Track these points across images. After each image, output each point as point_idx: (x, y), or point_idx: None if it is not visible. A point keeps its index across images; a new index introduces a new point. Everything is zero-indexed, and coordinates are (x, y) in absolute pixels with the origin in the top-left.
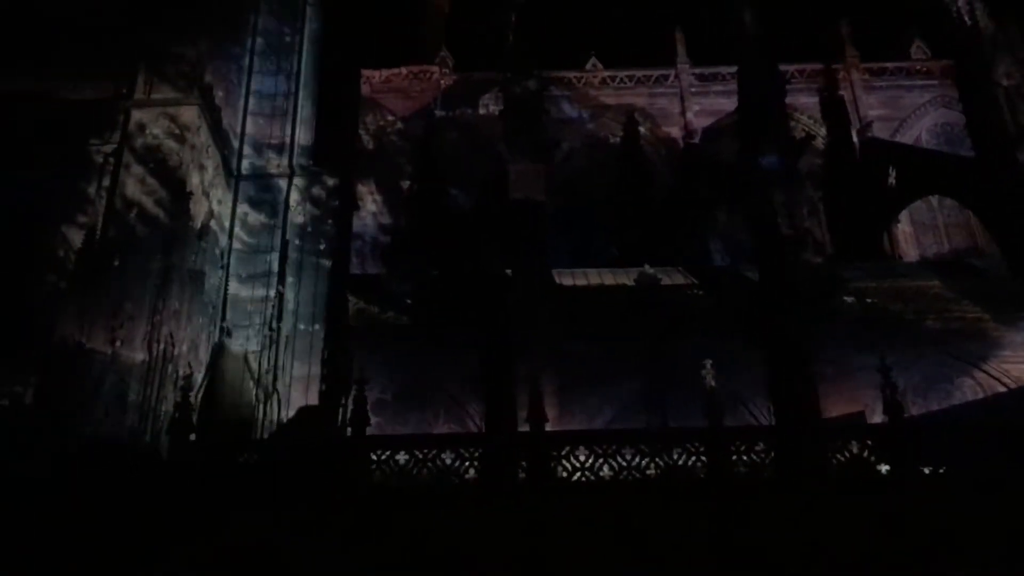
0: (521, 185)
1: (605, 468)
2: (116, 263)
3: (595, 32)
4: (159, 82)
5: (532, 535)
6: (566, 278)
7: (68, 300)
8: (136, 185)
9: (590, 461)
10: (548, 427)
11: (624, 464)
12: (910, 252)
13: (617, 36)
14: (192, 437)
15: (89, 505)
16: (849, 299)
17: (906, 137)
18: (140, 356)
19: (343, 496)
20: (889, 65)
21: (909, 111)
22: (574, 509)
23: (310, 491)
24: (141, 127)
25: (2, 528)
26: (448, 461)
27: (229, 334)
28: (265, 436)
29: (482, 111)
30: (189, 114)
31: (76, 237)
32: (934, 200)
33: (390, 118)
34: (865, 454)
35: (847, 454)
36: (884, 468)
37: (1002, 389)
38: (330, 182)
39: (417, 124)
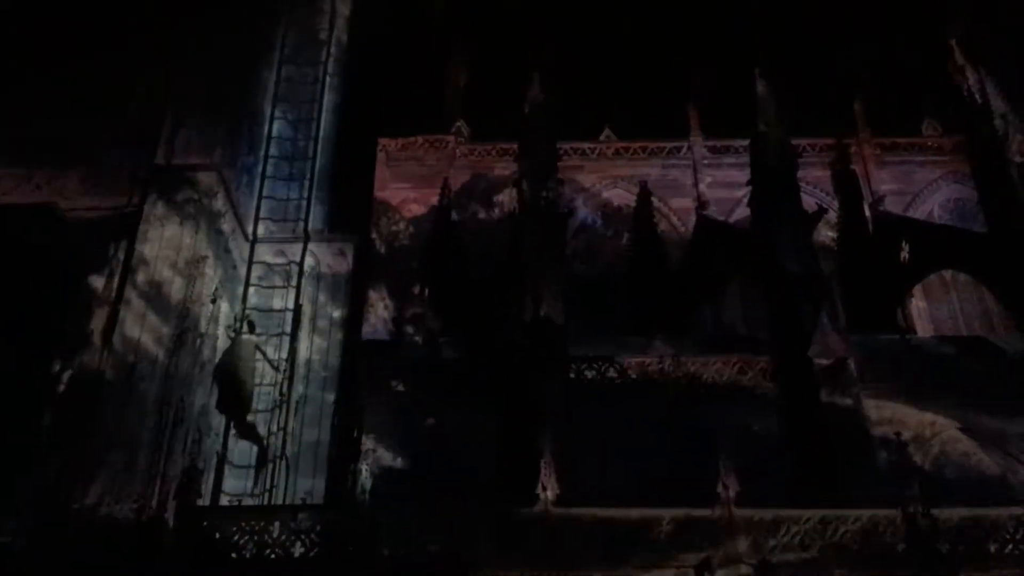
0: (535, 254)
1: None
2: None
3: (609, 104)
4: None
5: None
6: (580, 347)
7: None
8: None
9: None
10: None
11: None
12: (924, 326)
13: (631, 108)
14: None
15: None
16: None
17: (919, 212)
18: (151, 421)
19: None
20: (901, 140)
21: (921, 186)
22: None
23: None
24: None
25: None
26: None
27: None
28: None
29: (497, 176)
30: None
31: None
32: (948, 275)
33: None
34: None
35: None
36: None
37: None
38: (345, 248)
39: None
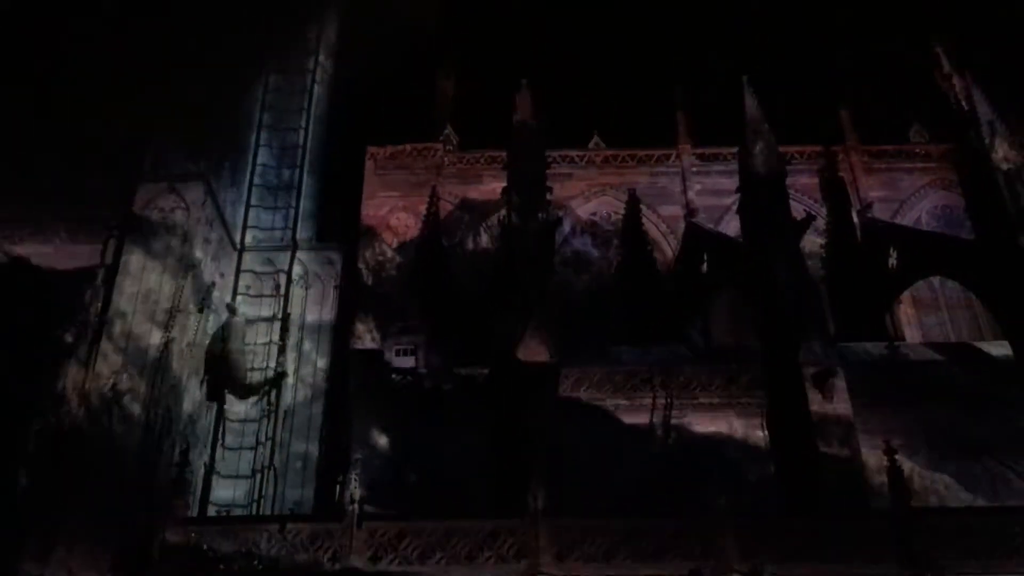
0: (524, 263)
1: None
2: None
3: (598, 112)
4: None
5: None
6: (570, 357)
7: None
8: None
9: None
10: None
11: None
12: (913, 333)
13: (620, 117)
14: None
15: None
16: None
17: (906, 219)
18: (138, 432)
19: None
20: (888, 148)
21: (909, 193)
22: None
23: None
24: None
25: None
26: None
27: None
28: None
29: (485, 189)
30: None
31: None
32: (936, 281)
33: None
34: None
35: None
36: None
37: None
38: (333, 257)
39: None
